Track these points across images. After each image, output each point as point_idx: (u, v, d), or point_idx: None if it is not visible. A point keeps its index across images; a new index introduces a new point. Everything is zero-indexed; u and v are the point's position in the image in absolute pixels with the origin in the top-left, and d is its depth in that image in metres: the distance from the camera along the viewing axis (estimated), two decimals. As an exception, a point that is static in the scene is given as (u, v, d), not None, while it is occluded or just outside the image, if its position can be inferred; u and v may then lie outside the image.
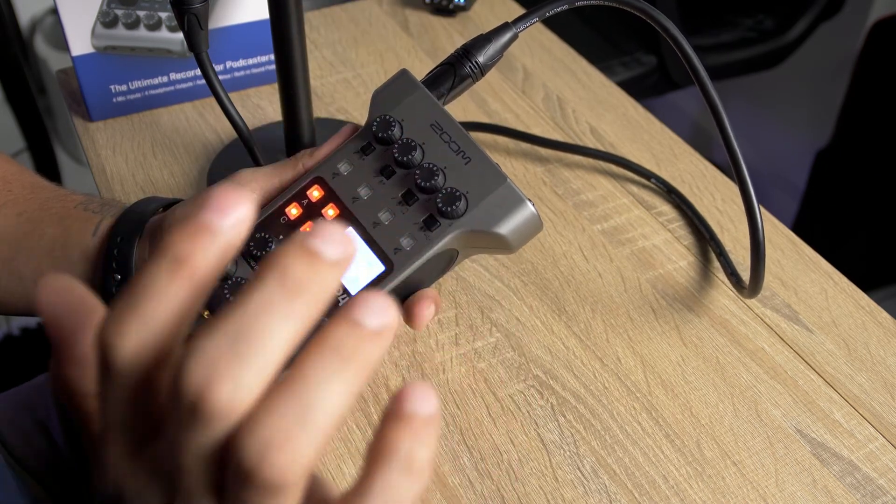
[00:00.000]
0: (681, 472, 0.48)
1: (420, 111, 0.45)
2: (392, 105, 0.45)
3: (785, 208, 1.66)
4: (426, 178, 0.43)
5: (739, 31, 1.42)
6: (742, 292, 0.56)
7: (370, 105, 0.46)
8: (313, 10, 0.88)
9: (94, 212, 0.48)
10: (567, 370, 0.54)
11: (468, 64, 0.47)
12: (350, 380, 0.21)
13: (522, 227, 0.43)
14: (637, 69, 1.33)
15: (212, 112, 0.75)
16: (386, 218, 0.44)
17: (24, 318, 1.41)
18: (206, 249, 0.22)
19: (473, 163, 0.44)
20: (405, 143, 0.44)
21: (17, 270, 0.48)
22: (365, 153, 0.45)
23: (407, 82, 0.46)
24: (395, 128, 0.44)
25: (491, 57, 0.48)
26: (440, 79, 0.48)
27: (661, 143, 0.72)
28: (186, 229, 0.22)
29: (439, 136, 0.44)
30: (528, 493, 0.47)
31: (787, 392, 0.53)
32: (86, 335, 0.24)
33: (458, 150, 0.44)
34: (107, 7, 0.68)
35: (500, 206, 0.43)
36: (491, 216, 0.43)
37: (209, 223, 0.21)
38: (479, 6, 0.90)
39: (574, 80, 0.80)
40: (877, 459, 0.49)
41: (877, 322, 0.57)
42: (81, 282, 0.49)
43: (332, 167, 0.45)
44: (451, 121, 0.45)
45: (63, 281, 0.25)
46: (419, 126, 0.45)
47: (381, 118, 0.45)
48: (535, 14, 0.48)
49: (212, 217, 0.21)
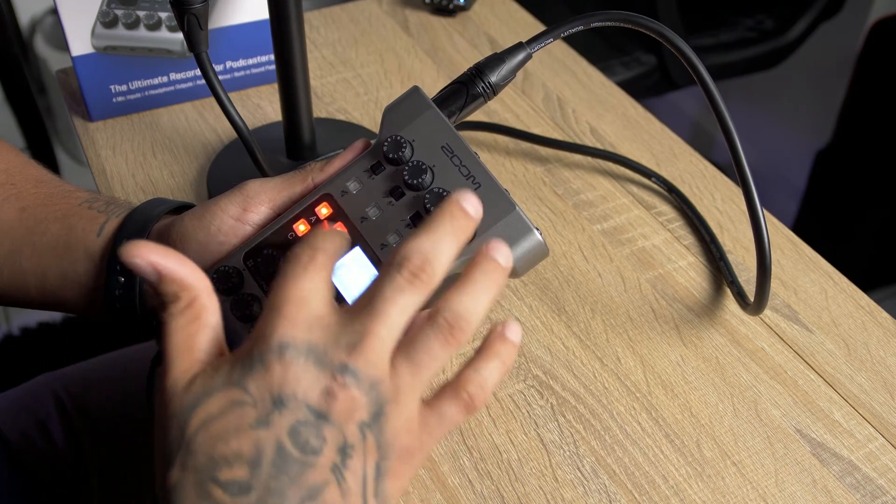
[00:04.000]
0: (680, 472, 0.48)
1: (431, 132, 0.45)
2: (403, 123, 0.45)
3: (785, 208, 1.66)
4: (436, 202, 0.43)
5: (739, 31, 1.42)
6: (746, 309, 0.56)
7: (381, 121, 0.46)
8: (313, 10, 0.88)
9: (100, 211, 0.48)
10: (567, 370, 0.54)
11: (480, 84, 0.47)
12: (492, 287, 0.37)
13: (529, 254, 0.44)
14: (637, 69, 1.33)
15: (212, 112, 0.75)
16: (394, 240, 0.44)
17: (24, 318, 1.41)
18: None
19: (483, 189, 0.44)
20: (416, 166, 0.44)
21: (19, 265, 0.48)
22: (375, 172, 0.45)
23: (419, 101, 0.46)
24: (406, 149, 0.44)
25: (504, 77, 0.48)
26: (452, 98, 0.47)
27: (661, 143, 0.72)
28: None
29: (450, 159, 0.44)
30: (527, 493, 0.47)
31: (786, 392, 0.53)
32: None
33: (468, 175, 0.44)
34: (107, 7, 0.68)
35: (508, 234, 0.43)
36: None
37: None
38: (479, 6, 0.90)
39: (574, 80, 0.80)
40: (877, 459, 0.49)
41: (877, 322, 0.57)
42: (84, 282, 0.49)
43: (342, 185, 0.45)
44: (462, 144, 0.44)
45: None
46: (430, 148, 0.45)
47: (392, 138, 0.45)
48: (550, 34, 0.48)
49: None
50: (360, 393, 0.34)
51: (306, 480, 0.33)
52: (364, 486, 0.34)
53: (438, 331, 0.35)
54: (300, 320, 0.34)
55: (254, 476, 0.32)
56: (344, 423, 0.33)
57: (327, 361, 0.34)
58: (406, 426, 0.35)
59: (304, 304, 0.35)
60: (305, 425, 0.33)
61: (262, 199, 0.45)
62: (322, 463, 0.33)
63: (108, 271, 0.46)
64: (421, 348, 0.35)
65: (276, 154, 0.67)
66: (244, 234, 0.45)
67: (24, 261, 0.48)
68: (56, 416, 0.63)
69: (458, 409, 0.36)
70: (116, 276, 0.46)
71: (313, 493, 0.33)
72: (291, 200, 0.46)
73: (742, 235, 0.63)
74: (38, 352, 1.33)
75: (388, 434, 0.35)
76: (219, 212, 0.45)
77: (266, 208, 0.45)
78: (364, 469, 0.34)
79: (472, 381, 0.36)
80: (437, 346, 0.35)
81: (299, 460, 0.33)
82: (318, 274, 0.36)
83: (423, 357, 0.35)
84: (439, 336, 0.35)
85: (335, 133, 0.71)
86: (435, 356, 0.35)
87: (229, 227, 0.44)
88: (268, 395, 0.33)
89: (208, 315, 0.36)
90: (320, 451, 0.33)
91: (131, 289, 0.46)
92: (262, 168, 0.58)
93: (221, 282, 0.43)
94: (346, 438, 0.33)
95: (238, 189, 0.45)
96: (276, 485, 0.32)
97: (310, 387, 0.33)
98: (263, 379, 0.33)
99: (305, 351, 0.34)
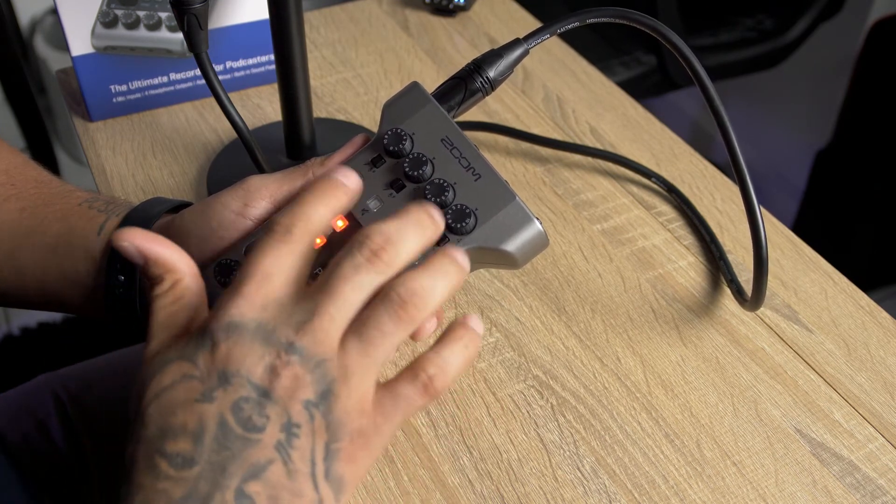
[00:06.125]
0: (680, 472, 0.48)
1: (431, 125, 0.45)
2: (403, 118, 0.45)
3: (785, 208, 1.66)
4: (436, 193, 0.43)
5: (739, 31, 1.42)
6: (744, 305, 0.56)
7: (381, 116, 0.46)
8: (313, 10, 0.88)
9: (99, 210, 0.48)
10: (567, 370, 0.54)
11: (479, 79, 0.48)
12: (451, 275, 0.37)
13: (530, 245, 0.44)
14: (637, 69, 1.33)
15: (212, 112, 0.75)
16: None
17: (24, 318, 1.41)
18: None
19: (483, 179, 0.44)
20: (416, 158, 0.44)
21: (19, 265, 0.48)
22: (375, 165, 0.45)
23: (418, 95, 0.46)
24: (407, 141, 0.45)
25: (501, 72, 0.48)
26: (450, 93, 0.48)
27: (661, 143, 0.72)
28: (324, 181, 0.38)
29: (450, 151, 0.45)
30: (527, 493, 0.47)
31: (786, 392, 0.53)
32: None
33: (468, 167, 0.44)
34: (107, 7, 0.68)
35: (508, 224, 0.43)
36: (499, 234, 0.43)
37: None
38: (479, 6, 0.90)
39: (574, 80, 0.80)
40: (877, 459, 0.49)
41: (877, 322, 0.57)
42: (84, 281, 0.49)
43: None
44: (461, 136, 0.45)
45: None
46: (430, 140, 0.45)
47: (393, 131, 0.45)
48: (547, 30, 0.48)
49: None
50: (305, 371, 0.34)
51: (249, 457, 0.33)
52: (313, 466, 0.33)
53: (390, 306, 0.35)
54: (257, 299, 0.35)
55: (197, 450, 0.32)
56: (288, 401, 0.33)
57: (274, 339, 0.34)
58: (358, 407, 0.35)
59: (264, 283, 0.35)
60: (248, 402, 0.33)
61: (262, 194, 0.45)
62: (265, 441, 0.33)
63: (108, 271, 0.46)
64: (371, 325, 0.35)
65: (276, 154, 0.67)
66: (245, 228, 0.45)
67: (24, 261, 0.48)
68: (56, 416, 0.63)
69: (416, 390, 0.35)
70: (117, 275, 0.46)
71: (257, 470, 0.32)
72: (292, 195, 0.46)
73: (742, 235, 0.63)
74: (38, 352, 1.33)
75: (338, 414, 0.34)
76: (220, 207, 0.45)
77: (267, 203, 0.45)
78: (312, 449, 0.34)
79: (433, 362, 0.36)
80: (388, 323, 0.35)
81: (241, 436, 0.33)
82: (289, 248, 0.36)
83: (373, 333, 0.35)
84: (391, 311, 0.35)
85: (335, 133, 0.71)
86: (386, 333, 0.35)
87: (230, 222, 0.45)
88: (214, 371, 0.34)
89: (191, 296, 0.37)
90: (263, 428, 0.33)
91: (131, 288, 0.46)
92: (262, 168, 0.58)
93: (222, 274, 0.44)
94: (290, 416, 0.33)
95: (239, 184, 0.46)
96: (218, 459, 0.32)
97: (254, 364, 0.34)
98: (211, 354, 0.34)
99: (253, 329, 0.34)
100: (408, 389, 0.36)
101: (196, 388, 0.33)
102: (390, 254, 0.35)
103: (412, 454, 0.49)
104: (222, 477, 0.32)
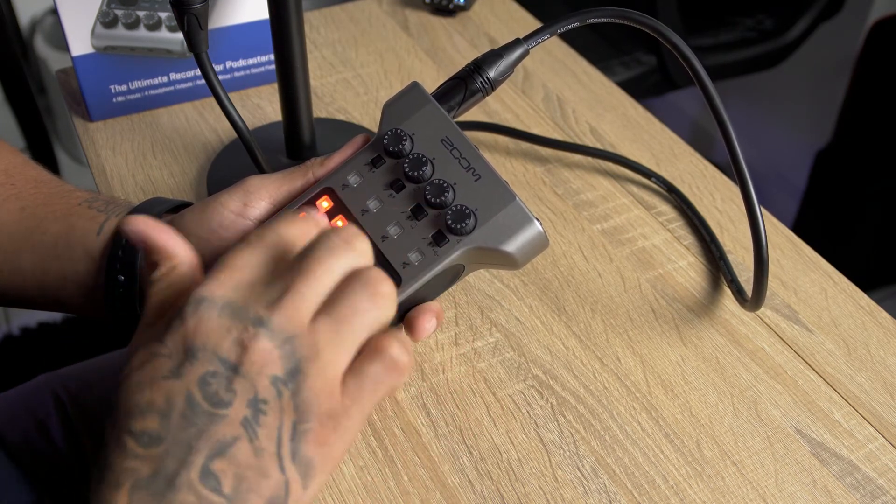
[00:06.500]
0: (680, 472, 0.48)
1: (431, 126, 0.45)
2: (403, 118, 0.45)
3: (785, 208, 1.66)
4: (436, 193, 0.43)
5: (739, 31, 1.42)
6: (744, 305, 0.56)
7: (381, 116, 0.46)
8: (313, 10, 0.88)
9: (99, 210, 0.48)
10: (567, 370, 0.54)
11: (479, 79, 0.48)
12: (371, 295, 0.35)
13: (529, 245, 0.44)
14: (637, 69, 1.33)
15: (212, 112, 0.75)
16: (395, 232, 0.44)
17: (24, 318, 1.41)
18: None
19: (483, 180, 0.44)
20: (416, 158, 0.44)
21: (18, 265, 0.48)
22: (375, 165, 0.45)
23: (418, 96, 0.46)
24: (407, 142, 0.45)
25: (501, 73, 0.48)
26: (451, 93, 0.48)
27: (661, 143, 0.72)
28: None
29: (450, 151, 0.45)
30: (527, 493, 0.47)
31: (786, 392, 0.53)
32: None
33: (468, 167, 0.44)
34: (107, 7, 0.68)
35: (508, 224, 0.43)
36: (499, 234, 0.43)
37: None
38: (479, 6, 0.90)
39: (574, 80, 0.80)
40: (876, 459, 0.49)
41: (877, 322, 0.57)
42: (84, 281, 0.49)
43: (342, 178, 0.45)
44: (461, 137, 0.45)
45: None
46: (430, 141, 0.45)
47: (393, 131, 0.45)
48: (547, 30, 0.49)
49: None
50: (273, 346, 0.33)
51: (215, 433, 0.32)
52: (279, 446, 0.33)
53: (362, 283, 0.34)
54: (228, 283, 0.35)
55: (163, 427, 0.32)
56: (256, 376, 0.33)
57: (244, 315, 0.34)
58: (327, 388, 0.34)
59: (237, 272, 0.35)
60: (215, 376, 0.33)
61: (262, 195, 0.45)
62: (232, 416, 0.32)
63: (107, 271, 0.46)
64: (343, 302, 0.34)
65: (276, 154, 0.67)
66: (244, 228, 0.45)
67: (24, 261, 0.48)
68: (56, 416, 0.63)
69: (382, 367, 0.35)
70: (116, 275, 0.46)
71: (223, 447, 0.32)
72: (291, 195, 0.46)
73: (742, 235, 0.63)
74: (38, 352, 1.33)
75: (307, 393, 0.34)
76: (220, 207, 0.45)
77: (266, 203, 0.45)
78: (280, 428, 0.33)
79: (394, 335, 0.36)
80: (361, 300, 0.34)
81: (208, 412, 0.32)
82: (263, 246, 0.36)
83: (344, 311, 0.34)
84: (364, 287, 0.34)
85: (335, 133, 0.71)
86: (358, 310, 0.34)
87: (230, 222, 0.45)
88: (181, 347, 0.33)
89: (187, 284, 0.37)
90: (230, 403, 0.33)
91: (131, 288, 0.46)
92: (262, 168, 0.58)
93: None
94: (257, 392, 0.33)
95: (239, 185, 0.46)
96: (184, 436, 0.32)
97: (221, 338, 0.33)
98: (178, 331, 0.34)
99: (221, 305, 0.34)
100: (371, 367, 0.35)
101: (164, 365, 0.33)
102: (364, 243, 0.36)
103: (412, 454, 0.49)
104: (188, 454, 0.32)
